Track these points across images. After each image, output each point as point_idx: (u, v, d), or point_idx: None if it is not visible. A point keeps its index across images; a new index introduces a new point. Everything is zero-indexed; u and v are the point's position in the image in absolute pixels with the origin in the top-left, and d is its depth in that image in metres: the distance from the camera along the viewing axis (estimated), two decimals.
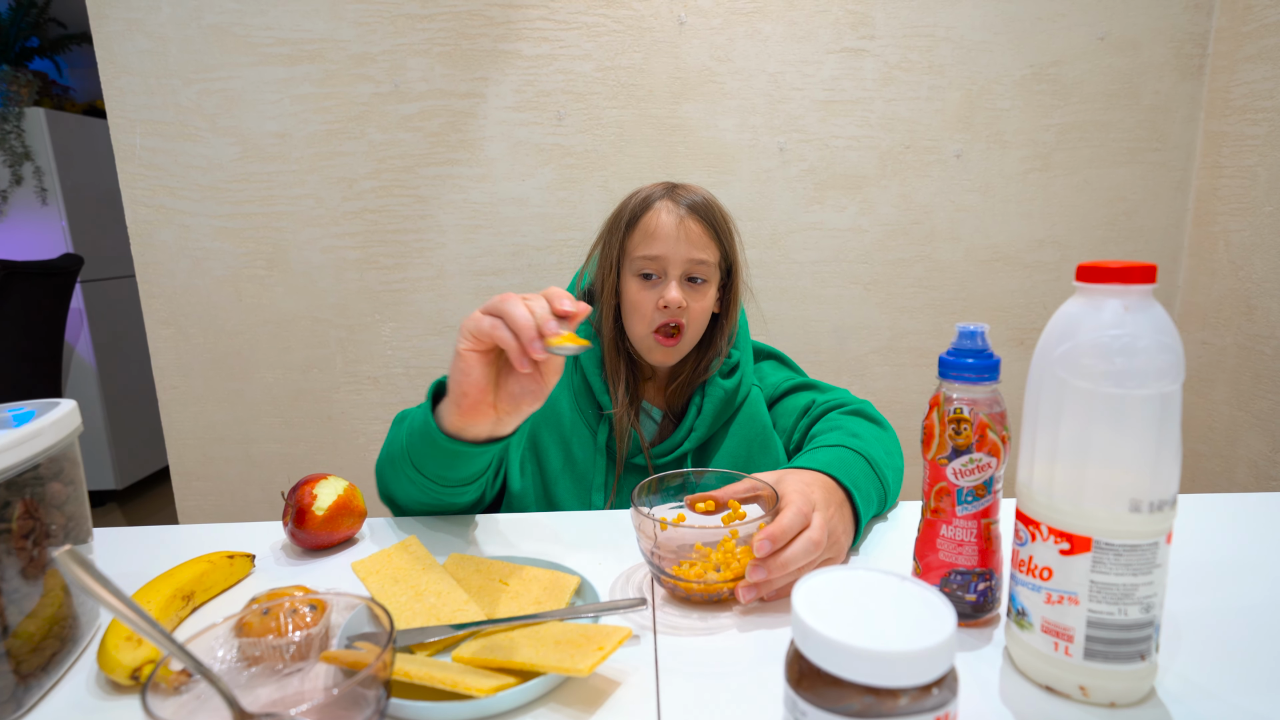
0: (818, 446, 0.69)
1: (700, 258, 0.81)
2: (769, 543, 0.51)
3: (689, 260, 0.80)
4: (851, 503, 0.62)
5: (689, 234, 0.80)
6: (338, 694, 0.36)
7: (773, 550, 0.51)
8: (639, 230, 0.82)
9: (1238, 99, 1.23)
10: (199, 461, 1.37)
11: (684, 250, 0.80)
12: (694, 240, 0.80)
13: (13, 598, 0.43)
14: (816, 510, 0.55)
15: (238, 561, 0.60)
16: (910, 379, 1.39)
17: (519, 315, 0.51)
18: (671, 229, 0.80)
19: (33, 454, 0.45)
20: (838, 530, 0.57)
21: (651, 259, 0.81)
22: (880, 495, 0.66)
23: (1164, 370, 0.39)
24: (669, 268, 0.80)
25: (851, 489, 0.61)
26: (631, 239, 0.82)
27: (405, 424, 0.67)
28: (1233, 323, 1.26)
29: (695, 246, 0.80)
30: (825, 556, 0.56)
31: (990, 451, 0.47)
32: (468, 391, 0.56)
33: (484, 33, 1.24)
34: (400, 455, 0.66)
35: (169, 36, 1.22)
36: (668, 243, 0.80)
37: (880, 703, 0.29)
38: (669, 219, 0.80)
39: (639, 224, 0.82)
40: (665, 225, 0.80)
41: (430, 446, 0.61)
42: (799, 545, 0.52)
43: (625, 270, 0.83)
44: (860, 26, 1.26)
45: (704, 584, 0.53)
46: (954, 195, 1.32)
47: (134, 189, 1.27)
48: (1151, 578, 0.40)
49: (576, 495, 0.83)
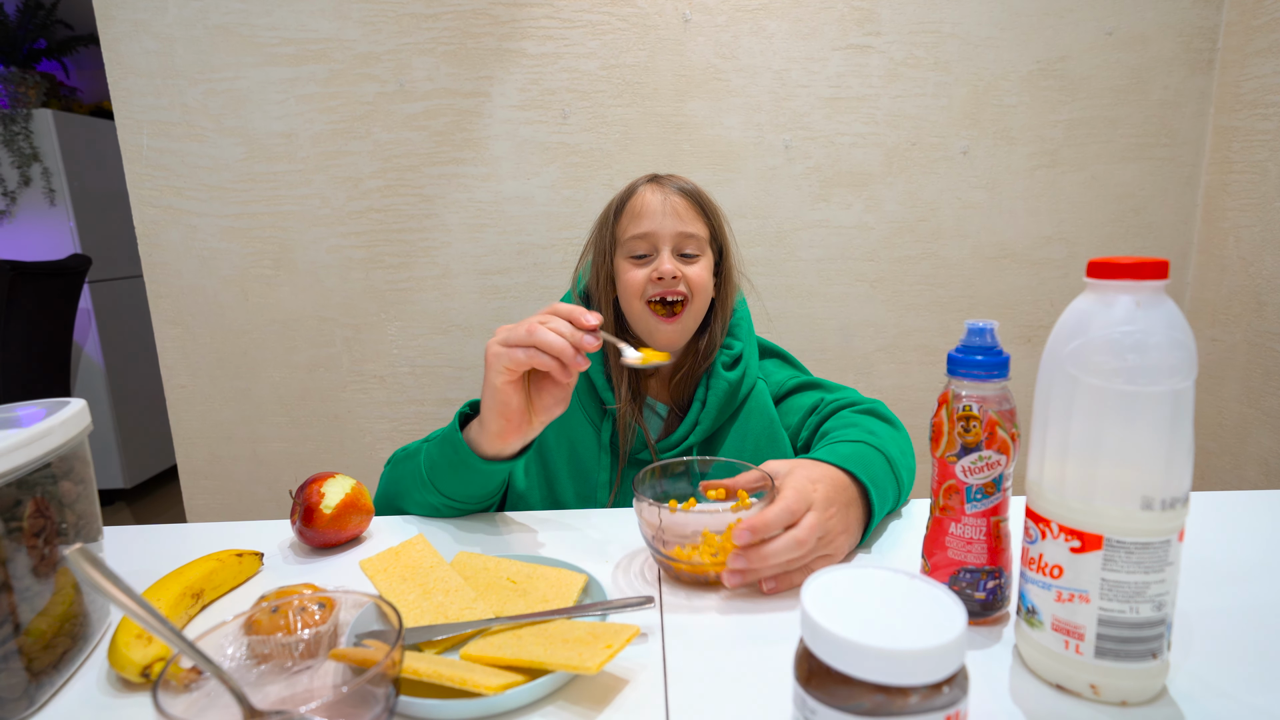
0: (837, 441, 0.68)
1: (689, 230, 0.82)
2: (749, 533, 0.53)
3: (678, 234, 0.82)
4: (867, 499, 0.62)
5: (675, 208, 0.82)
6: (347, 691, 0.36)
7: (753, 541, 0.53)
8: (626, 214, 0.84)
9: (1248, 93, 1.22)
10: (207, 460, 1.38)
11: (672, 224, 0.82)
12: (681, 214, 0.82)
13: (24, 596, 0.43)
14: (812, 509, 0.55)
15: (246, 560, 0.60)
16: (916, 376, 1.39)
17: (553, 341, 0.59)
18: (658, 205, 0.82)
19: (43, 453, 0.45)
20: (834, 529, 0.57)
21: (641, 236, 0.82)
22: (895, 494, 0.66)
23: (1176, 367, 0.38)
24: (659, 243, 0.82)
25: (869, 485, 0.61)
26: (620, 224, 0.84)
27: (423, 459, 0.71)
28: (1243, 319, 1.25)
29: (683, 220, 0.82)
30: (820, 554, 0.56)
31: (999, 449, 0.46)
32: (510, 418, 0.63)
33: (489, 31, 1.24)
34: (419, 486, 0.71)
35: (175, 37, 1.23)
36: (655, 218, 0.82)
37: (890, 701, 0.28)
38: (655, 197, 0.83)
39: (626, 208, 0.84)
40: (651, 203, 0.82)
41: (466, 473, 0.67)
42: (782, 541, 0.53)
43: (618, 255, 0.85)
44: (866, 23, 1.25)
45: (690, 564, 0.56)
46: (960, 192, 1.32)
47: (141, 189, 1.28)
48: (1163, 575, 0.39)
49: (581, 493, 0.83)
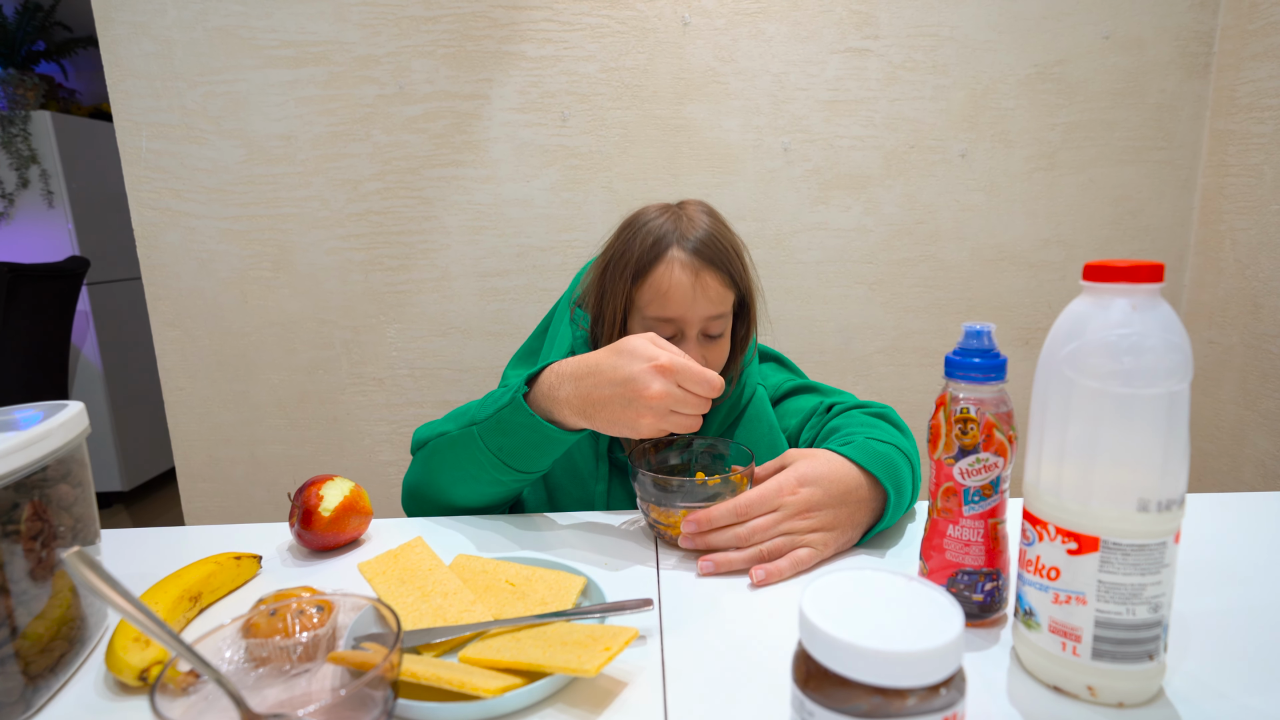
0: (872, 439, 0.67)
1: (718, 313, 0.76)
2: (695, 525, 0.60)
3: (706, 318, 0.76)
4: (882, 504, 0.63)
5: (705, 290, 0.74)
6: (345, 694, 0.36)
7: (698, 531, 0.60)
8: (649, 286, 0.75)
9: (1244, 97, 1.22)
10: (205, 463, 1.38)
11: (702, 309, 0.75)
12: (711, 297, 0.75)
13: (21, 599, 0.43)
14: (777, 510, 0.60)
15: (244, 563, 0.60)
16: (915, 379, 1.39)
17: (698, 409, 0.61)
18: (687, 288, 0.73)
19: (41, 456, 0.45)
20: (806, 528, 0.61)
21: (666, 320, 0.75)
22: (909, 502, 0.67)
23: (1172, 369, 0.38)
24: (686, 328, 0.76)
25: (891, 492, 0.62)
26: (642, 294, 0.76)
27: (490, 426, 0.66)
28: (1239, 322, 1.26)
29: (713, 303, 0.75)
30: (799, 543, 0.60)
31: (997, 451, 0.47)
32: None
33: (488, 34, 1.24)
34: (482, 460, 0.68)
35: (174, 39, 1.23)
36: (684, 304, 0.74)
37: (888, 703, 0.29)
38: (683, 276, 0.73)
39: (649, 278, 0.75)
40: (680, 285, 0.73)
41: (549, 446, 0.65)
42: (724, 536, 0.60)
43: (633, 319, 0.78)
44: (864, 26, 1.26)
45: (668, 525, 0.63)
46: (959, 195, 1.32)
47: (140, 191, 1.28)
48: (1160, 577, 0.40)
49: (579, 501, 0.83)
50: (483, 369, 1.34)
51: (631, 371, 0.58)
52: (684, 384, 0.58)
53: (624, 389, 0.59)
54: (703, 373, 0.59)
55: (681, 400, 0.58)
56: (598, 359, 0.62)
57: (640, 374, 0.58)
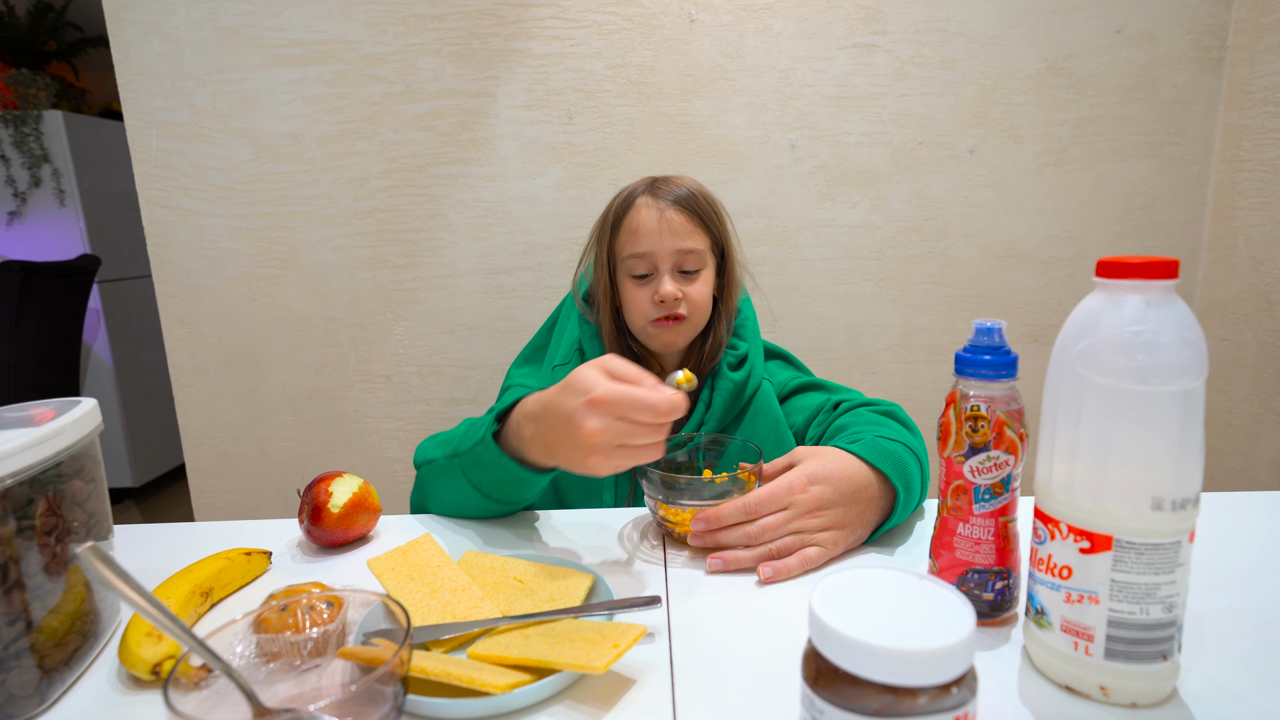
0: (881, 437, 0.67)
1: (687, 247, 0.81)
2: (703, 523, 0.60)
3: (676, 251, 0.81)
4: (891, 502, 0.63)
5: (672, 226, 0.81)
6: (355, 690, 0.37)
7: (707, 529, 0.60)
8: (624, 230, 0.83)
9: (1258, 91, 1.21)
10: (214, 459, 1.38)
11: (669, 242, 0.81)
12: (678, 231, 0.81)
13: (36, 594, 0.43)
14: (787, 508, 0.60)
15: (255, 558, 0.60)
16: (923, 376, 1.38)
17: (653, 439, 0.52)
18: (654, 224, 0.81)
19: (55, 452, 0.46)
20: (816, 526, 0.60)
21: (639, 256, 0.81)
22: (917, 501, 0.67)
23: (1187, 366, 0.38)
24: (658, 262, 0.81)
25: (900, 490, 0.62)
26: (618, 240, 0.83)
27: (469, 460, 0.65)
28: (1253, 319, 1.24)
29: (680, 237, 0.81)
30: (809, 542, 0.59)
31: (1008, 449, 0.46)
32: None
33: (494, 32, 1.24)
34: (468, 495, 0.68)
35: (184, 39, 1.24)
36: (652, 238, 0.81)
37: (899, 702, 0.28)
38: (650, 215, 0.81)
39: (623, 224, 0.83)
40: (647, 221, 0.81)
41: (522, 484, 0.64)
42: (734, 534, 0.60)
43: (618, 271, 0.84)
44: (872, 22, 1.25)
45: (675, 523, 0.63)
46: (967, 191, 1.31)
47: (150, 190, 1.29)
48: (1174, 577, 0.39)
49: (585, 496, 0.83)
50: (489, 366, 1.35)
51: (570, 409, 0.52)
52: (626, 415, 0.50)
53: (567, 428, 0.53)
54: (644, 398, 0.50)
55: (626, 433, 0.50)
56: (550, 395, 0.56)
57: (575, 411, 0.52)
